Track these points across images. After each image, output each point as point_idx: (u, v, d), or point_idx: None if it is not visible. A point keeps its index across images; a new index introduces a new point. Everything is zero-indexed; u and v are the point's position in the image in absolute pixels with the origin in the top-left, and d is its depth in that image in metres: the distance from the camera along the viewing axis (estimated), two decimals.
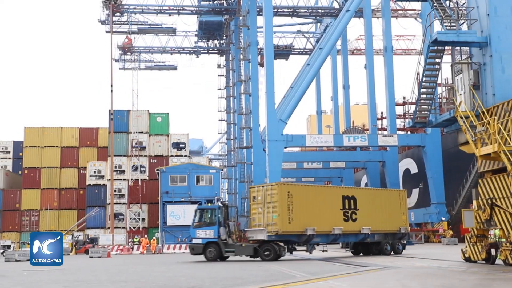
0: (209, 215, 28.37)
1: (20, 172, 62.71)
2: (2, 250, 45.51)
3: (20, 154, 63.22)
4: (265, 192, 27.02)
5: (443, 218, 52.10)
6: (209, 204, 30.69)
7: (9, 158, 65.72)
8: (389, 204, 30.49)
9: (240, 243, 27.94)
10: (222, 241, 27.52)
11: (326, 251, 29.50)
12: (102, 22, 64.69)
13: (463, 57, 22.38)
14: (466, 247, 21.42)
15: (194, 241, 28.39)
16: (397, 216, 30.51)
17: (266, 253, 26.38)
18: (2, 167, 63.63)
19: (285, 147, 51.52)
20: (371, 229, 29.07)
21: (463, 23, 22.22)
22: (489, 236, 21.33)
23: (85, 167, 59.12)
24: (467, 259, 21.19)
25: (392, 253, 30.48)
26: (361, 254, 30.87)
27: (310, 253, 28.57)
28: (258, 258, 27.22)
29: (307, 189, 29.08)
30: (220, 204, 28.88)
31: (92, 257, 37.12)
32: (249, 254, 27.23)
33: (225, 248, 27.52)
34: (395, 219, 30.39)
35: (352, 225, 28.54)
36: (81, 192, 59.62)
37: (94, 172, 58.10)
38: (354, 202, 28.72)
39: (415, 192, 62.47)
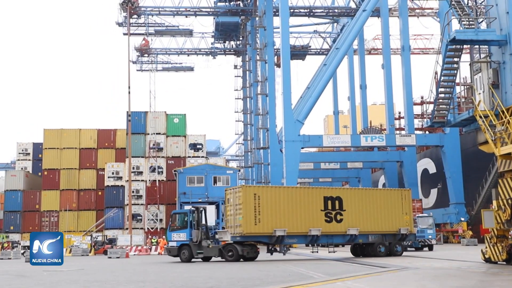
0: (182, 219, 29.46)
1: (39, 174, 63.36)
2: (23, 251, 46.04)
3: (40, 155, 63.84)
4: (235, 195, 27.44)
5: (463, 219, 51.60)
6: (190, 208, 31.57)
7: (29, 160, 66.43)
8: (387, 204, 29.18)
9: (208, 245, 28.51)
10: (193, 243, 28.47)
11: (317, 252, 29.85)
12: (120, 24, 65.22)
13: (482, 55, 22.14)
14: (486, 247, 21.17)
15: (170, 243, 29.68)
16: (397, 216, 29.25)
17: (230, 254, 27.16)
18: (22, 168, 64.35)
19: (302, 148, 51.48)
20: (359, 230, 28.23)
21: (481, 21, 21.99)
22: (509, 236, 21.04)
23: (104, 168, 59.52)
24: (487, 260, 20.94)
25: (395, 255, 28.94)
26: (361, 255, 29.86)
27: (284, 254, 28.84)
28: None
29: (277, 190, 28.72)
30: (192, 209, 29.92)
31: (110, 257, 37.37)
32: (214, 255, 28.16)
33: (197, 250, 28.47)
34: (395, 219, 29.17)
35: (336, 226, 28.01)
36: (100, 193, 60.03)
37: (112, 173, 58.46)
38: (340, 203, 28.17)
39: (434, 192, 61.96)
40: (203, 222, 29.45)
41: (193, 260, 28.52)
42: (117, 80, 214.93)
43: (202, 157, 59.24)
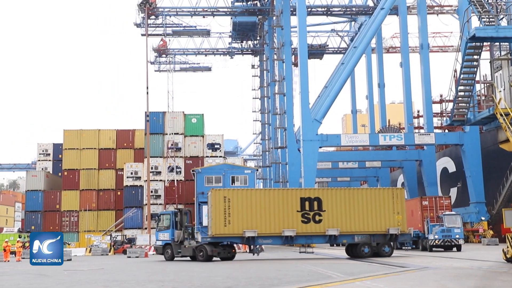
0: (167, 220, 31.35)
1: (60, 174, 63.96)
2: None
3: (60, 156, 64.43)
4: (210, 198, 28.88)
5: (483, 218, 50.95)
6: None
7: (49, 160, 67.11)
8: (375, 203, 28.54)
9: (185, 245, 29.98)
10: (175, 243, 30.35)
11: (305, 252, 31.08)
12: (138, 25, 65.61)
13: (503, 53, 21.86)
14: (507, 247, 20.90)
15: (157, 242, 31.85)
16: (387, 216, 28.41)
17: (201, 254, 28.64)
18: (42, 169, 65.02)
19: (320, 147, 51.26)
20: (340, 230, 28.09)
21: (502, 18, 21.73)
22: None
23: (122, 169, 59.87)
24: (509, 260, 20.68)
25: (383, 256, 28.18)
26: (351, 256, 29.63)
27: (257, 254, 29.89)
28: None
29: (249, 193, 29.38)
30: (175, 210, 32.24)
31: (130, 257, 37.67)
32: (189, 254, 29.65)
33: (178, 249, 30.19)
34: (384, 219, 28.37)
35: (315, 226, 28.18)
36: (119, 193, 60.40)
37: (131, 173, 58.79)
38: (319, 204, 28.27)
39: (453, 191, 61.30)
40: (188, 223, 31.31)
41: (175, 259, 30.16)
42: (136, 80, 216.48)
43: (220, 157, 59.29)
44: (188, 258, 29.98)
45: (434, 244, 35.10)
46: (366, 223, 28.36)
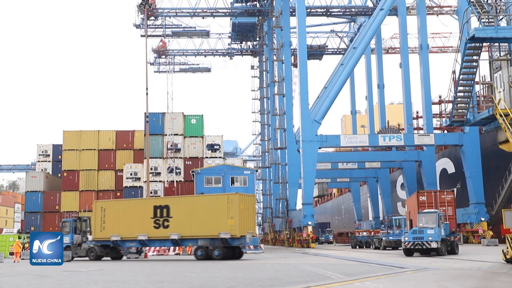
0: (68, 226, 36.29)
1: (59, 175, 63.88)
2: None
3: (59, 157, 64.38)
4: (93, 208, 33.97)
5: (483, 219, 50.94)
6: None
7: (49, 161, 67.04)
8: (211, 209, 30.53)
9: (82, 247, 35.01)
10: (73, 246, 35.36)
11: (179, 254, 35.68)
12: (137, 26, 65.63)
13: (502, 53, 21.89)
14: (507, 248, 20.89)
15: None
16: (221, 221, 29.91)
17: (92, 254, 33.58)
18: (42, 170, 64.95)
19: (319, 148, 51.30)
20: (180, 235, 30.91)
21: (501, 18, 21.77)
22: None
23: (122, 169, 59.85)
24: (509, 261, 20.67)
25: (213, 259, 29.49)
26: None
27: (125, 255, 34.72)
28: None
29: (119, 203, 35.24)
30: (75, 218, 37.52)
31: (129, 258, 37.64)
32: (83, 255, 34.57)
33: (75, 251, 35.05)
34: (217, 224, 29.97)
35: (163, 231, 31.38)
36: (118, 194, 60.32)
37: (131, 174, 58.73)
38: (167, 211, 31.42)
39: None
40: (87, 229, 35.91)
41: (75, 259, 34.55)
42: (135, 81, 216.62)
43: (220, 157, 59.25)
44: (86, 258, 34.14)
45: (405, 247, 28.93)
46: (205, 227, 30.70)
